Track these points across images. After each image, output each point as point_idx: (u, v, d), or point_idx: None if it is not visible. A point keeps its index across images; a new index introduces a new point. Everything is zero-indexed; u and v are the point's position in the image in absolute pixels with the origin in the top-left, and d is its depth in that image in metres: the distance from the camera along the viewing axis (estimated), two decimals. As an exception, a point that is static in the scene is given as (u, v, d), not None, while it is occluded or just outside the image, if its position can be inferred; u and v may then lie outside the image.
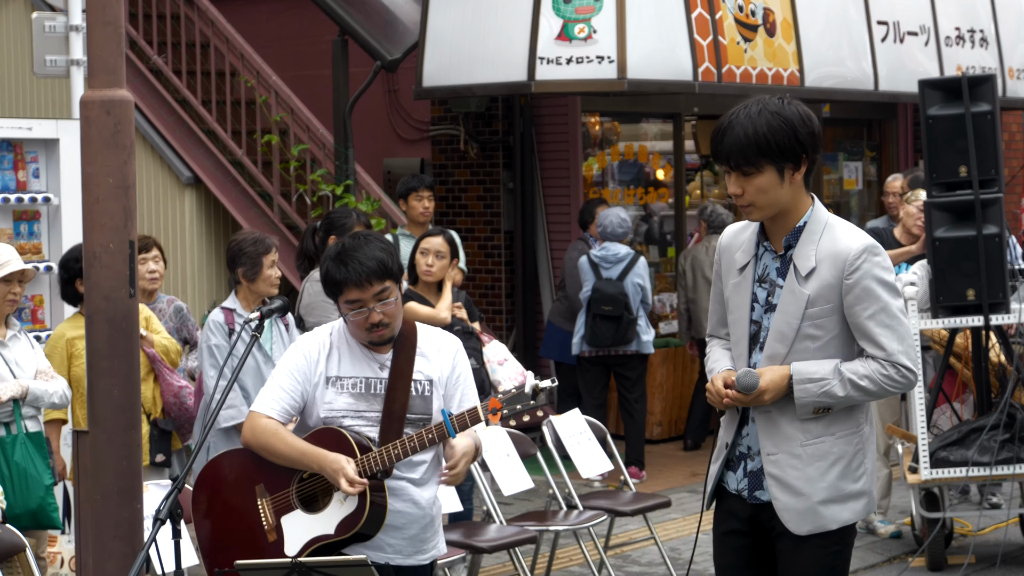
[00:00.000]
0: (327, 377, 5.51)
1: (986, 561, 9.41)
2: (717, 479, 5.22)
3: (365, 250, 5.43)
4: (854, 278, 4.96)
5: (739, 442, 5.17)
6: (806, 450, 5.02)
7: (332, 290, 5.48)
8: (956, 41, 14.84)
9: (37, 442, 7.62)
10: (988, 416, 9.12)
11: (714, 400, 5.10)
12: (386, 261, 5.44)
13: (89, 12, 5.99)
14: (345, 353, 5.54)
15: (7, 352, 7.69)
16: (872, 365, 4.98)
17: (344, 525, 5.43)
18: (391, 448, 5.39)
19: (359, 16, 13.15)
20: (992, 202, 9.07)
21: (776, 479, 5.03)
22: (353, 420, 5.47)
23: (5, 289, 7.64)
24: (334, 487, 5.40)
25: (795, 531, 5.02)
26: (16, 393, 7.58)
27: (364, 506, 5.39)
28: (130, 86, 6.04)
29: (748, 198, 5.00)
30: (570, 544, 9.64)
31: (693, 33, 12.10)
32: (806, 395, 4.97)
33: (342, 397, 5.49)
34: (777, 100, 5.00)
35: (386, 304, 5.43)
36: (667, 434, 13.85)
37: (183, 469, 5.17)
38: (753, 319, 5.11)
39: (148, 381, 8.32)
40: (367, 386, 5.50)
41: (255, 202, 13.41)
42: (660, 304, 14.45)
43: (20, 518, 7.46)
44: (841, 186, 16.62)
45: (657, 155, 14.95)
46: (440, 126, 14.44)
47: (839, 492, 5.03)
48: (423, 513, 5.55)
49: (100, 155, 5.85)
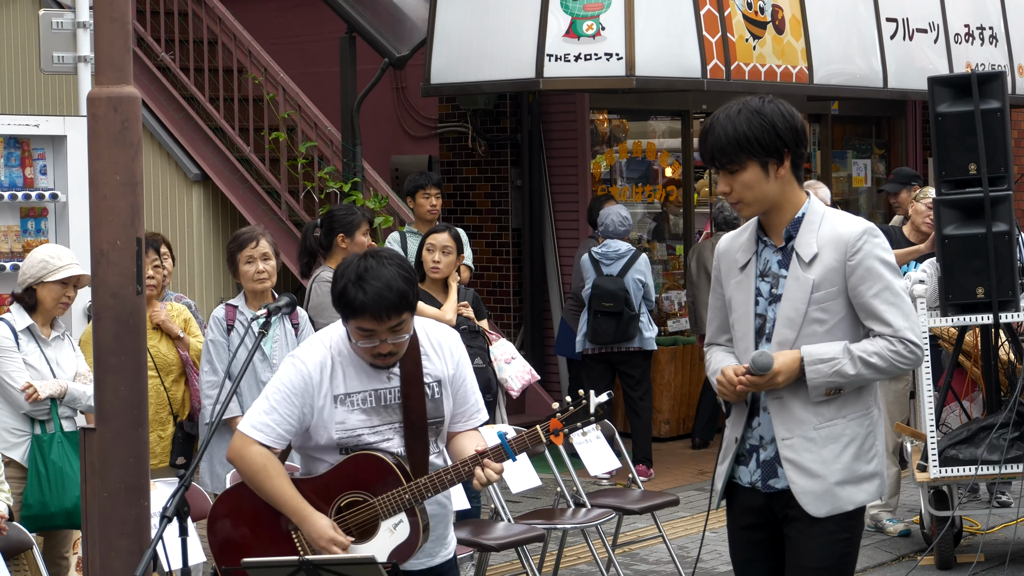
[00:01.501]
0: (335, 395, 5.19)
1: (995, 560, 9.38)
2: (728, 476, 5.25)
3: (387, 278, 5.05)
4: (857, 259, 5.08)
5: (749, 435, 5.23)
6: (820, 433, 5.10)
7: (345, 312, 5.11)
8: (965, 38, 14.81)
9: (73, 442, 7.62)
10: (997, 414, 9.09)
11: (726, 391, 5.14)
12: (407, 293, 5.08)
13: (96, 8, 5.97)
14: (349, 367, 5.21)
15: (50, 351, 7.71)
16: (880, 343, 5.08)
17: (399, 553, 5.16)
18: (443, 475, 5.13)
19: (367, 13, 13.14)
20: (1002, 199, 9.04)
21: (792, 463, 5.10)
22: (372, 436, 5.20)
23: (60, 291, 7.66)
24: (379, 517, 5.14)
25: (814, 513, 5.08)
26: (55, 392, 7.59)
27: (418, 533, 5.15)
28: (138, 83, 6.03)
29: (736, 195, 5.14)
30: (578, 542, 9.63)
31: (702, 30, 12.07)
32: (818, 376, 5.05)
33: (354, 415, 5.19)
34: (758, 100, 5.15)
35: (398, 336, 5.11)
36: (675, 432, 13.83)
37: (189, 469, 5.12)
38: (757, 313, 5.20)
39: (180, 383, 8.30)
40: (378, 398, 5.22)
41: (263, 199, 13.41)
42: (668, 302, 14.43)
43: (55, 516, 7.49)
44: (850, 183, 16.60)
45: (665, 152, 14.94)
46: (448, 123, 14.43)
47: (854, 473, 5.12)
48: (446, 512, 5.40)
49: (107, 152, 5.84)
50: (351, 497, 5.19)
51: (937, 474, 9.03)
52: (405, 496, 5.13)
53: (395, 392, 5.22)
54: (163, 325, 8.23)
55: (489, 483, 5.11)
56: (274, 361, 7.93)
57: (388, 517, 5.15)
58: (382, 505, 5.15)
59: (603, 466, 9.21)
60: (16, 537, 6.82)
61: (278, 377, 5.24)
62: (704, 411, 13.42)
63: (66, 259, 7.72)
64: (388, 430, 5.21)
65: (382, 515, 5.16)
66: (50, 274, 7.59)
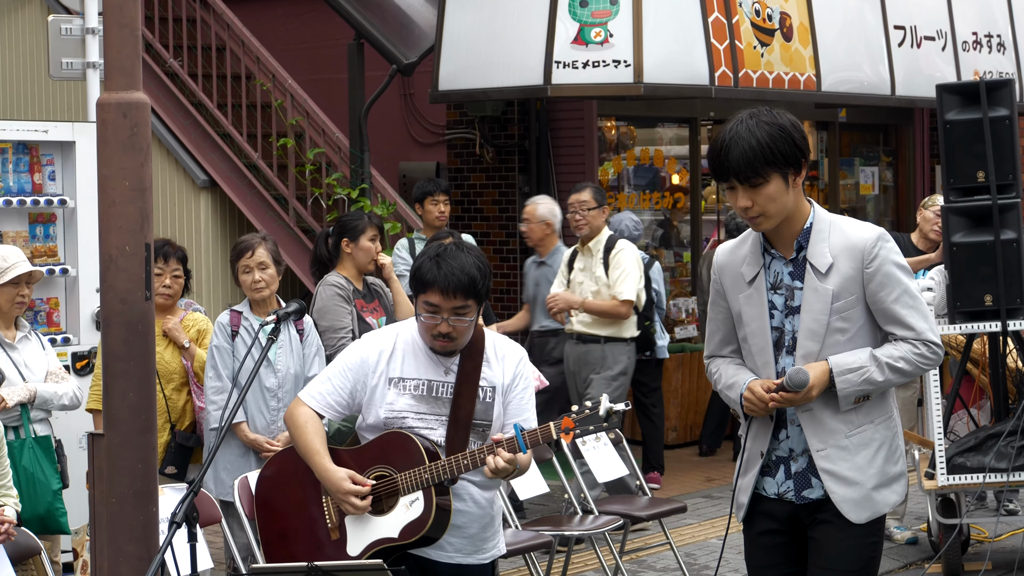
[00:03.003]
0: (389, 378, 5.52)
1: (1003, 568, 9.38)
2: (752, 490, 5.27)
3: (463, 262, 5.41)
4: (875, 265, 5.11)
5: (776, 447, 5.25)
6: (851, 440, 5.17)
7: (417, 286, 5.46)
8: (973, 46, 14.80)
9: (45, 446, 7.60)
10: (1005, 422, 9.08)
11: (755, 408, 5.17)
12: (477, 280, 5.42)
13: (105, 14, 5.98)
14: (409, 355, 5.55)
15: (16, 355, 7.68)
16: (904, 347, 5.15)
17: (409, 530, 5.45)
18: (460, 458, 5.40)
19: (375, 19, 13.15)
20: (1010, 207, 9.04)
21: (830, 473, 5.15)
22: (415, 422, 5.49)
23: (13, 292, 7.64)
24: (400, 491, 5.44)
25: (856, 520, 5.15)
26: (23, 397, 7.56)
27: (430, 512, 5.43)
28: (146, 89, 6.03)
29: (759, 209, 5.09)
30: (585, 549, 9.62)
31: (710, 37, 12.07)
32: (848, 385, 5.10)
33: (403, 398, 5.51)
34: (766, 111, 5.13)
35: (460, 320, 5.41)
36: (682, 439, 13.83)
37: (199, 475, 5.14)
38: (774, 326, 5.20)
39: (182, 392, 8.28)
40: (429, 389, 5.51)
41: (270, 206, 13.41)
42: (676, 309, 14.42)
43: (29, 523, 7.44)
44: (857, 191, 16.59)
45: (673, 160, 14.94)
46: (456, 130, 14.44)
47: (886, 476, 5.22)
48: (483, 512, 5.59)
49: (116, 158, 5.84)
50: (380, 471, 5.51)
51: (945, 482, 9.02)
52: (424, 475, 5.40)
53: (448, 387, 5.50)
54: (169, 333, 8.22)
55: (498, 470, 5.34)
56: (278, 367, 7.93)
57: (407, 493, 5.45)
58: (404, 481, 5.45)
59: (610, 473, 9.21)
60: (24, 542, 6.82)
61: (342, 353, 5.67)
62: (712, 418, 13.42)
63: (12, 259, 7.68)
64: (434, 420, 5.50)
65: (402, 490, 5.45)
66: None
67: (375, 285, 8.87)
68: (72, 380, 8.01)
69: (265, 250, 8.04)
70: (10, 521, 6.61)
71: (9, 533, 6.59)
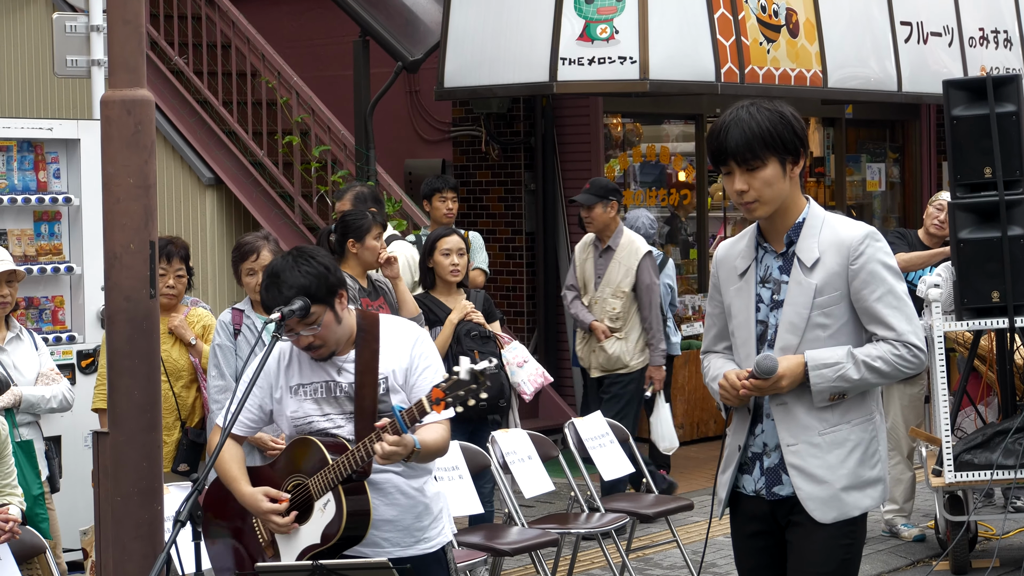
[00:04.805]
0: (289, 386, 5.57)
1: (1010, 565, 9.36)
2: (731, 485, 5.24)
3: (289, 276, 5.41)
4: (860, 263, 5.06)
5: (752, 442, 5.21)
6: (824, 439, 5.09)
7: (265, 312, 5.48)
8: (980, 42, 14.78)
9: (27, 451, 7.54)
10: (1013, 419, 9.06)
11: (729, 395, 5.12)
12: (309, 287, 5.40)
13: (110, 12, 5.96)
14: (304, 360, 5.58)
15: (5, 356, 7.62)
16: (884, 347, 5.07)
17: (329, 532, 5.42)
18: (354, 452, 5.36)
19: (380, 16, 13.14)
20: (1017, 203, 9.01)
21: (798, 469, 5.08)
22: (324, 423, 5.51)
23: None
24: (314, 496, 5.44)
25: (820, 519, 5.07)
26: (8, 403, 7.51)
27: (341, 512, 5.39)
28: (151, 87, 6.03)
29: (754, 193, 5.07)
30: (592, 547, 9.60)
31: (716, 33, 12.06)
32: (822, 380, 5.03)
33: (306, 404, 5.54)
34: (767, 101, 5.13)
35: (311, 329, 5.42)
36: (689, 436, 13.80)
37: (202, 473, 5.13)
38: (759, 319, 5.17)
39: (191, 389, 8.25)
40: (327, 390, 5.53)
41: (276, 203, 13.41)
42: (682, 306, 14.40)
43: None
44: (864, 188, 16.56)
45: (679, 156, 14.92)
46: (461, 127, 14.42)
47: (859, 479, 5.10)
48: (414, 503, 5.55)
49: (121, 155, 5.83)
50: (295, 480, 5.53)
51: (952, 479, 9.00)
52: (329, 475, 5.38)
53: (345, 384, 5.49)
54: (175, 330, 8.19)
55: (388, 455, 5.25)
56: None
57: (320, 496, 5.45)
58: (314, 486, 5.45)
59: (617, 470, 9.19)
60: (29, 541, 6.81)
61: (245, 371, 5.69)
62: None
63: None
64: (340, 418, 5.51)
65: (315, 495, 5.45)
66: None
67: (379, 282, 8.85)
68: (63, 382, 7.94)
69: (269, 252, 8.01)
70: (15, 520, 6.59)
71: (14, 532, 6.58)
